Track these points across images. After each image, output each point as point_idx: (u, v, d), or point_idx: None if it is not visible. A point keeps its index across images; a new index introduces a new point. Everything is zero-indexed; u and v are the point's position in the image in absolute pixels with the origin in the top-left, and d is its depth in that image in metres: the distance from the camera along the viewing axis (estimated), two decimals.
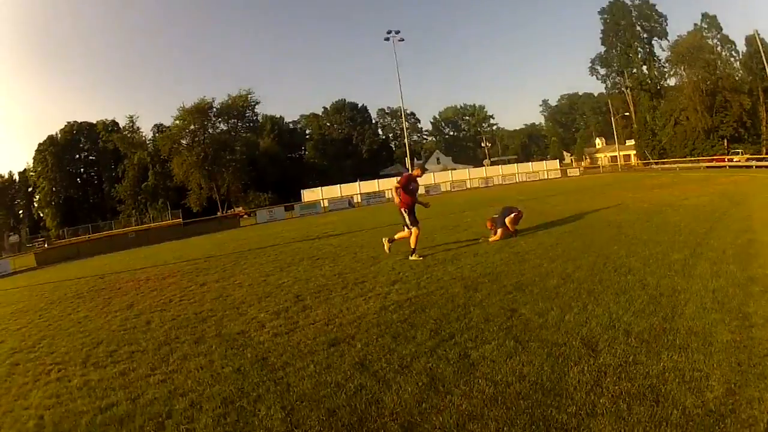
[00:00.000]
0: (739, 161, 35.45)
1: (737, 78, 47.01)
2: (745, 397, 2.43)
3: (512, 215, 8.76)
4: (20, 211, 63.14)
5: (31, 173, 59.47)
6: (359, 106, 75.62)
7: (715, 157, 39.35)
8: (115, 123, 57.10)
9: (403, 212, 8.02)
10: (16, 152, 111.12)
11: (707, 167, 35.29)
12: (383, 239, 8.69)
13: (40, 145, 57.61)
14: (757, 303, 3.78)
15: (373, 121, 78.81)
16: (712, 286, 4.32)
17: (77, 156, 59.27)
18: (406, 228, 8.11)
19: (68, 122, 59.05)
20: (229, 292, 7.05)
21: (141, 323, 5.82)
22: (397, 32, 43.25)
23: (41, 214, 59.36)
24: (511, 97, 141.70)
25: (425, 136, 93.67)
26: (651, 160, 48.20)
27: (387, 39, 43.05)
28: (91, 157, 59.59)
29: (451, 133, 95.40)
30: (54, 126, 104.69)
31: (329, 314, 5.04)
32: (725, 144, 44.96)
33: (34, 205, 61.06)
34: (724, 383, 2.58)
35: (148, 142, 54.12)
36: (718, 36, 49.05)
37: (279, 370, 3.64)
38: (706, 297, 4.04)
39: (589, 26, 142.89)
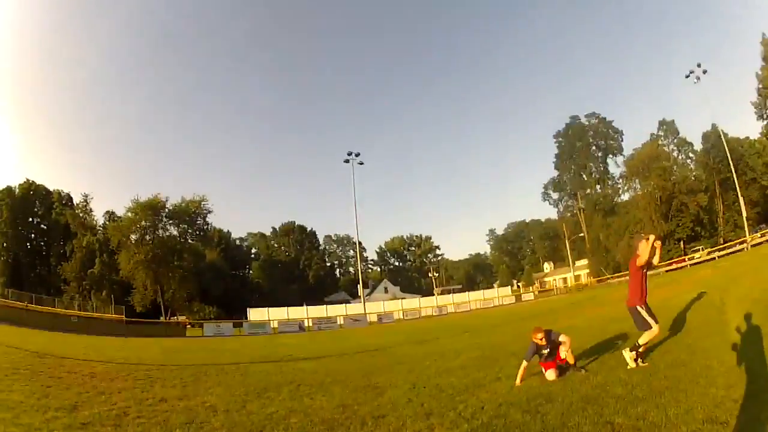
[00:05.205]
0: (701, 257, 36.37)
1: (693, 178, 47.66)
2: None
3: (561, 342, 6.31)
4: None
5: None
6: (308, 230, 77.58)
7: (673, 261, 39.69)
8: (70, 197, 57.20)
9: (640, 309, 5.92)
10: None
11: (667, 271, 33.95)
12: (625, 352, 6.14)
13: None
14: None
15: (320, 247, 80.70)
16: None
17: (30, 219, 56.84)
18: (648, 328, 5.88)
19: (27, 179, 57.09)
20: (203, 418, 5.64)
21: None
22: (357, 154, 45.94)
23: None
24: (455, 227, 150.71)
25: (370, 266, 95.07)
26: (606, 276, 49.91)
27: (347, 161, 45.58)
28: (42, 225, 57.62)
29: (397, 263, 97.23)
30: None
31: None
32: (681, 246, 45.89)
33: None
34: None
35: (98, 228, 54.62)
36: (675, 140, 50.88)
37: None
38: None
39: (539, 151, 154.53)
